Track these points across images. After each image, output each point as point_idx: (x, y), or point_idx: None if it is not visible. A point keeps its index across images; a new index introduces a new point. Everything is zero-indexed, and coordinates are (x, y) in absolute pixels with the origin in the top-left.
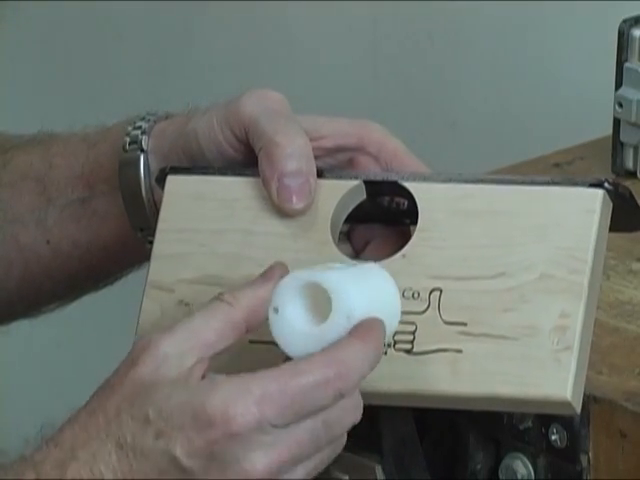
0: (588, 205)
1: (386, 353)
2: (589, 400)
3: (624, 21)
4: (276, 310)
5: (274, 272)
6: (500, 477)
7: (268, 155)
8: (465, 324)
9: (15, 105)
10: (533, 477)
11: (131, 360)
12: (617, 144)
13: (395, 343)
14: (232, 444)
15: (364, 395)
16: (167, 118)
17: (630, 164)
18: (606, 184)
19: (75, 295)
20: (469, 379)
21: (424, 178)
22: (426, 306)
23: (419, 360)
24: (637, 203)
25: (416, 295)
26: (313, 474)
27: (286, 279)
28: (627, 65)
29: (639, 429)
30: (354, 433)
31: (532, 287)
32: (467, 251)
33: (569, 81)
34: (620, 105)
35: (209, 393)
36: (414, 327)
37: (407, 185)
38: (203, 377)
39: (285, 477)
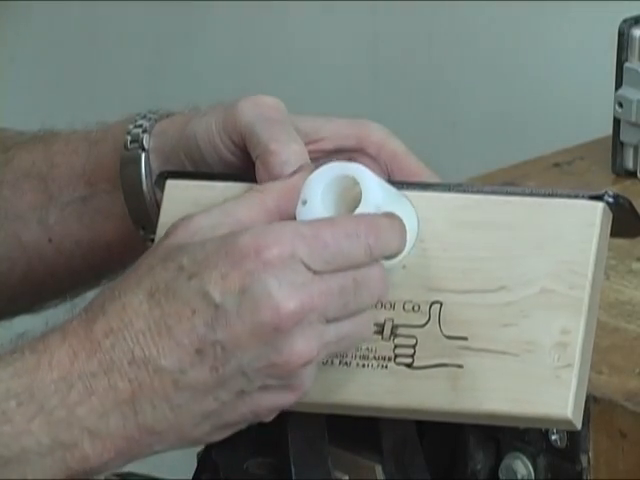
0: (588, 218)
1: (387, 367)
2: (589, 400)
3: (624, 21)
4: (304, 202)
5: (301, 167)
6: (500, 477)
7: (264, 163)
8: (466, 339)
9: (15, 105)
10: (533, 477)
11: (165, 234)
12: (617, 144)
13: (396, 357)
14: (264, 275)
15: (364, 408)
16: (168, 117)
17: (630, 164)
18: (606, 197)
19: (78, 291)
20: (469, 395)
21: (424, 187)
22: (426, 319)
23: (419, 375)
24: (637, 213)
25: (416, 308)
26: (340, 347)
27: (316, 171)
28: (627, 65)
29: (639, 429)
30: (354, 433)
31: (532, 302)
32: (467, 263)
33: (569, 81)
34: (620, 105)
35: (242, 232)
36: (414, 341)
37: (407, 194)
38: None
39: (315, 331)
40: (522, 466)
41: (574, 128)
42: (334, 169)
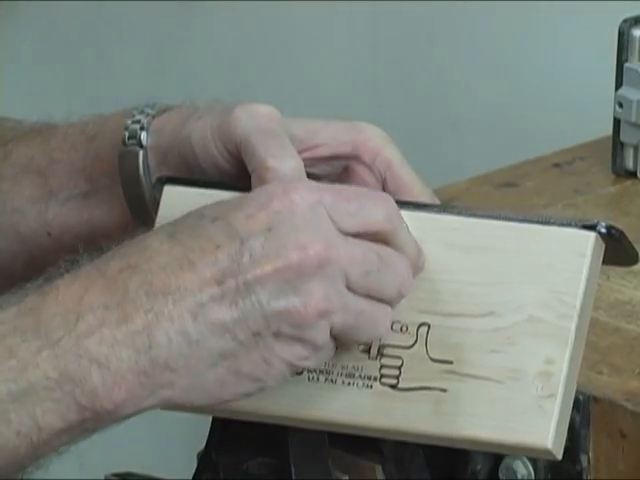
0: (580, 248)
1: (372, 387)
2: (589, 400)
3: (624, 21)
4: None
5: None
6: (500, 477)
7: (260, 179)
8: (451, 362)
9: (14, 105)
10: (533, 477)
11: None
12: (617, 144)
13: (381, 377)
14: (291, 216)
15: (347, 427)
16: (165, 112)
17: (630, 164)
18: (599, 227)
19: None
20: (451, 420)
21: (417, 207)
22: (414, 341)
23: (403, 397)
24: (630, 243)
25: (404, 329)
26: (356, 323)
27: None
28: (627, 65)
29: (639, 429)
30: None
31: (520, 329)
32: (457, 287)
33: (569, 81)
34: (620, 105)
35: (269, 184)
36: (401, 362)
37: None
38: None
39: (336, 286)
40: (522, 466)
41: (574, 128)
42: None
